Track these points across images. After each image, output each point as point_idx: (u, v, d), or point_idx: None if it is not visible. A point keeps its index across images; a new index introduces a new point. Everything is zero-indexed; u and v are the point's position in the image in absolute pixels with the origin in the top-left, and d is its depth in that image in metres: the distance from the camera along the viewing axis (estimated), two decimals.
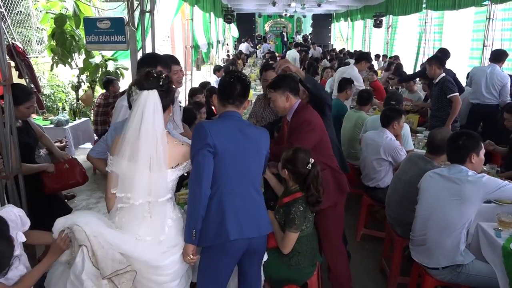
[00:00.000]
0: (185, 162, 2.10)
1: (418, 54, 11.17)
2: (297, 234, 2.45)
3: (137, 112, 1.90)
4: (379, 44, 15.77)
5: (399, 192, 3.25)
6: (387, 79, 9.22)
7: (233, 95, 2.22)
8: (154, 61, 2.73)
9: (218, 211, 2.09)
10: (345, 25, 21.13)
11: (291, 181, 2.56)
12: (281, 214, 2.52)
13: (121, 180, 1.97)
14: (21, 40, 7.38)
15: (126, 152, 1.91)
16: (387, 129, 3.85)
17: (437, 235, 2.65)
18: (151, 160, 1.92)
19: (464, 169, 2.61)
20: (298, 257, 2.51)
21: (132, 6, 4.67)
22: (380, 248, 3.80)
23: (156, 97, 1.92)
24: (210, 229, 2.07)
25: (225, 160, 2.10)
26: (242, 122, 2.26)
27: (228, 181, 2.12)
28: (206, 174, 2.05)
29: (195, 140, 2.10)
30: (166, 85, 2.00)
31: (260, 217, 2.22)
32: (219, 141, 2.07)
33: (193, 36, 9.89)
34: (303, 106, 2.89)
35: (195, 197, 2.04)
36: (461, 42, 9.52)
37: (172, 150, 2.03)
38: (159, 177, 1.97)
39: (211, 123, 2.18)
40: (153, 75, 1.97)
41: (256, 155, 2.23)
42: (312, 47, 16.86)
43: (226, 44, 18.76)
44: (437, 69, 4.93)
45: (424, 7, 10.43)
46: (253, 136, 2.21)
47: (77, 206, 4.82)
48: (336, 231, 3.02)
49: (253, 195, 2.21)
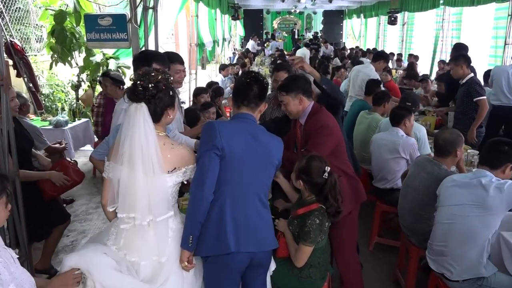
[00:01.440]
0: (184, 168, 2.06)
1: (435, 53, 11.11)
2: (312, 247, 2.40)
3: (128, 123, 1.93)
4: (394, 42, 15.71)
5: (409, 200, 3.21)
6: (402, 79, 9.17)
7: (248, 96, 2.19)
8: (146, 60, 2.71)
9: (219, 219, 2.04)
10: (358, 22, 21.08)
11: (307, 191, 2.49)
12: (295, 226, 2.47)
13: (121, 195, 1.96)
14: (20, 38, 7.45)
15: (125, 159, 1.92)
16: (398, 127, 3.86)
17: (459, 247, 2.59)
18: (146, 165, 1.91)
19: (489, 175, 2.55)
20: (309, 269, 2.47)
21: (135, 2, 4.69)
22: (394, 258, 3.76)
23: (144, 110, 1.93)
24: (209, 238, 2.03)
25: (232, 165, 2.06)
26: (255, 127, 2.21)
27: (233, 188, 2.08)
28: (210, 178, 2.01)
29: (203, 139, 2.09)
30: (155, 95, 1.96)
31: (261, 232, 2.15)
32: (228, 144, 2.04)
33: (198, 33, 9.91)
34: (317, 109, 2.84)
35: (196, 202, 2.01)
36: (481, 40, 9.43)
37: (168, 153, 2.01)
38: (157, 183, 1.95)
39: (222, 123, 2.15)
40: (139, 88, 1.94)
41: (267, 164, 2.18)
42: (324, 46, 16.84)
43: (232, 42, 18.81)
44: (466, 69, 4.78)
45: (441, 3, 10.38)
46: (266, 144, 2.16)
47: (76, 211, 4.83)
48: (350, 241, 2.99)
49: (257, 207, 2.15)
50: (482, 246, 2.54)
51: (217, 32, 12.42)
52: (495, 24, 8.25)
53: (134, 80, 1.98)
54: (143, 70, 2.05)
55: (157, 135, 2.00)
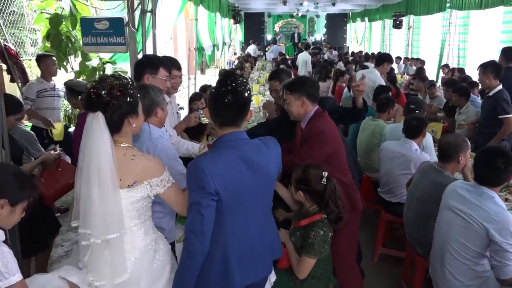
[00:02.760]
0: (147, 181, 1.91)
1: (441, 57, 11.14)
2: (315, 260, 2.41)
3: (86, 134, 1.86)
4: (399, 46, 15.77)
5: (413, 209, 3.22)
6: (408, 84, 9.19)
7: (230, 116, 1.92)
8: (152, 64, 2.77)
9: (223, 259, 1.94)
10: (361, 26, 21.17)
11: (308, 202, 2.51)
12: (297, 237, 2.49)
13: (81, 209, 1.87)
14: (14, 42, 7.50)
15: (83, 172, 1.85)
16: (413, 140, 3.81)
17: (457, 263, 2.57)
18: (101, 179, 1.81)
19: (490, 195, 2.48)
20: (312, 281, 2.48)
21: (132, 6, 4.72)
22: (399, 269, 3.76)
23: (100, 119, 1.83)
24: (214, 279, 1.94)
25: (231, 205, 1.91)
26: (248, 148, 1.95)
27: (234, 226, 1.96)
28: (210, 229, 1.87)
29: (193, 185, 1.87)
30: (109, 102, 1.85)
31: (265, 257, 2.11)
32: (223, 186, 1.84)
33: (197, 37, 9.96)
34: (318, 114, 2.86)
35: (194, 256, 1.87)
36: (489, 44, 9.48)
37: (128, 165, 1.89)
38: (112, 198, 1.84)
39: (211, 160, 1.87)
40: (92, 96, 1.85)
41: (266, 185, 2.05)
42: (328, 51, 16.90)
43: (233, 46, 18.88)
44: (493, 80, 4.62)
45: (448, 6, 10.43)
46: (263, 164, 1.97)
47: (70, 220, 4.82)
48: (349, 251, 3.00)
49: (262, 231, 2.07)
50: (483, 263, 2.53)
51: (216, 36, 12.48)
52: (504, 28, 8.30)
53: (88, 88, 1.89)
54: (99, 76, 2.02)
55: (117, 146, 1.90)
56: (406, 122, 3.91)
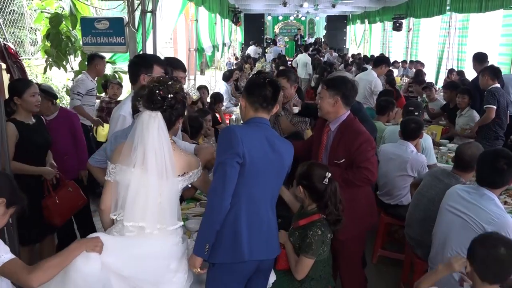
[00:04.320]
0: (191, 172, 2.12)
1: (441, 59, 11.16)
2: (313, 260, 2.41)
3: (142, 129, 1.96)
4: (399, 48, 15.79)
5: (421, 209, 3.22)
6: (407, 87, 9.19)
7: (267, 99, 2.17)
8: (147, 62, 2.76)
9: (234, 227, 2.08)
10: (361, 28, 21.19)
11: (308, 199, 2.52)
12: (296, 237, 2.49)
13: (129, 202, 1.96)
14: (14, 41, 7.49)
15: (138, 162, 1.95)
16: (409, 141, 3.81)
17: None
18: (160, 168, 1.95)
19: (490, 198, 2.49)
20: (311, 282, 2.48)
21: (133, 6, 4.73)
22: (398, 272, 3.76)
23: (159, 119, 1.97)
24: (224, 245, 2.07)
25: (250, 173, 2.08)
26: (271, 133, 2.22)
27: (248, 196, 2.11)
28: (231, 188, 2.03)
29: (223, 146, 2.08)
30: (174, 105, 2.03)
31: (270, 239, 2.23)
32: (249, 152, 2.05)
33: (198, 38, 9.96)
34: (352, 120, 2.83)
35: (215, 211, 2.03)
36: (489, 47, 9.49)
37: (177, 159, 2.06)
38: (170, 186, 2.00)
39: (243, 129, 2.17)
40: (157, 98, 1.98)
41: (280, 172, 2.23)
42: (329, 53, 16.91)
43: (233, 47, 18.89)
44: (490, 80, 4.97)
45: (448, 9, 10.44)
46: (281, 151, 2.19)
47: None
48: (358, 258, 3.02)
49: (268, 214, 2.21)
50: None
51: (216, 37, 12.48)
52: (503, 31, 8.31)
53: (149, 88, 2.01)
54: (158, 78, 2.10)
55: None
56: (403, 124, 3.91)
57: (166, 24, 7.04)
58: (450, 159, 4.36)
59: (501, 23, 8.43)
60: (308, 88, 11.69)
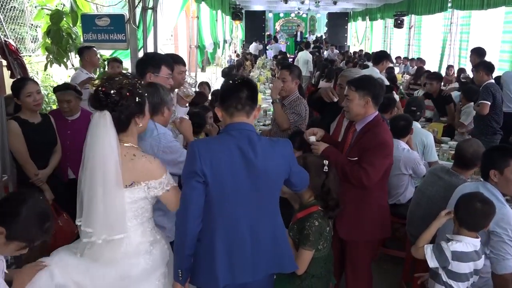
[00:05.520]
0: (145, 182, 1.92)
1: (442, 56, 11.14)
2: (312, 252, 2.39)
3: (91, 132, 1.86)
4: (400, 45, 15.76)
5: (422, 207, 3.21)
6: (408, 84, 9.17)
7: (240, 99, 1.94)
8: (155, 61, 2.76)
9: (209, 251, 1.96)
10: (362, 25, 21.15)
11: (308, 191, 2.48)
12: (295, 231, 2.47)
13: (85, 206, 1.87)
14: (14, 38, 7.48)
15: (87, 169, 1.86)
16: (400, 140, 3.77)
17: None
18: (106, 177, 1.82)
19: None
20: (312, 280, 2.46)
21: (133, 3, 4.72)
22: (399, 270, 3.76)
23: (107, 118, 1.83)
24: (200, 270, 1.99)
25: (220, 192, 1.91)
26: (249, 140, 1.94)
27: (224, 217, 1.96)
28: (193, 209, 1.89)
29: (185, 163, 1.94)
30: (118, 101, 1.85)
31: (259, 258, 2.03)
32: (211, 168, 1.87)
33: (199, 35, 9.95)
34: (379, 122, 2.74)
35: (180, 235, 1.93)
36: (490, 44, 9.47)
37: (126, 165, 1.89)
38: (114, 197, 1.85)
39: (204, 143, 1.98)
40: (100, 95, 1.84)
41: (267, 180, 1.99)
42: (330, 50, 16.88)
43: (234, 44, 18.87)
44: (485, 76, 5.02)
45: (449, 6, 10.41)
46: (266, 156, 1.94)
47: None
48: (365, 262, 2.98)
49: (255, 232, 2.01)
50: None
51: (217, 34, 12.47)
52: (505, 28, 8.28)
53: (96, 86, 1.87)
54: (107, 74, 2.01)
55: (121, 145, 1.90)
56: (393, 122, 3.87)
57: (167, 21, 7.04)
58: (451, 156, 4.36)
59: (503, 20, 8.40)
60: (309, 86, 11.68)
